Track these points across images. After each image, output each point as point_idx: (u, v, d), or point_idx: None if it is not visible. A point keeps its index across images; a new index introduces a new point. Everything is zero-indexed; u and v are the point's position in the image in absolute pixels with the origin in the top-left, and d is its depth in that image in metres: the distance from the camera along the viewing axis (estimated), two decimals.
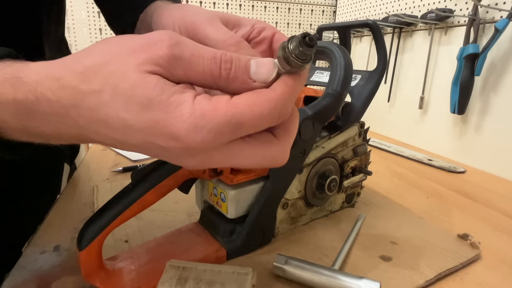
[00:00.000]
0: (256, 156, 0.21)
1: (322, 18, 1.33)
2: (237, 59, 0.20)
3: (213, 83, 0.20)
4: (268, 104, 0.19)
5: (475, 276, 0.36)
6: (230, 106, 0.19)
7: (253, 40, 0.30)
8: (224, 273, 0.31)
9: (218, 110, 0.19)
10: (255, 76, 0.20)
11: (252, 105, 0.19)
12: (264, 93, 0.20)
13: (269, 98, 0.20)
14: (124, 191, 0.31)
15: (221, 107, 0.19)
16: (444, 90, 0.79)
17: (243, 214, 0.38)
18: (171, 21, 0.30)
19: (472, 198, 0.57)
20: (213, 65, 0.20)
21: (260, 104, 0.19)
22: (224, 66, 0.20)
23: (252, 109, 0.19)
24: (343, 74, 0.38)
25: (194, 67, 0.19)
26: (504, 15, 0.66)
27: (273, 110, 0.20)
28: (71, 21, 1.16)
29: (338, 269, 0.35)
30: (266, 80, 0.20)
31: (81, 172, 0.63)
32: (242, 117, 0.19)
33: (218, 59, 0.20)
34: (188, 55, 0.19)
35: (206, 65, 0.20)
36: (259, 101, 0.19)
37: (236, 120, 0.19)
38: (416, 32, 0.90)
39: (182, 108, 0.18)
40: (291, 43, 0.19)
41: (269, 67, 0.20)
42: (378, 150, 0.85)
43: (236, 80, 0.20)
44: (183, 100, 0.19)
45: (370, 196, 0.55)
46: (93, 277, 0.30)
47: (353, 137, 0.46)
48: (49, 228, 0.43)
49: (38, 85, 0.20)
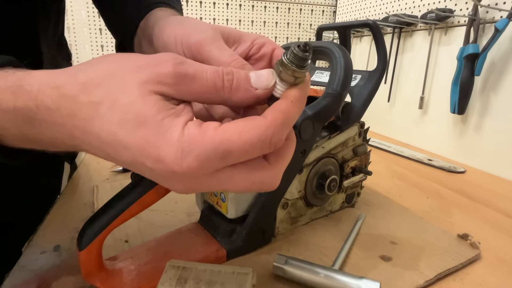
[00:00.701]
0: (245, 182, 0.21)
1: (322, 18, 1.33)
2: (237, 71, 0.21)
3: (217, 95, 0.21)
4: (258, 130, 0.19)
5: (475, 276, 0.36)
6: (218, 132, 0.19)
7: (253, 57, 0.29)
8: (224, 273, 0.31)
9: (205, 136, 0.18)
10: (256, 84, 0.21)
11: (241, 132, 0.19)
12: (254, 120, 0.19)
13: (259, 125, 0.19)
14: (124, 191, 0.31)
15: (209, 133, 0.19)
16: (444, 90, 0.79)
17: (243, 214, 0.38)
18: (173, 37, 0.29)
19: (472, 198, 0.57)
20: (216, 77, 0.20)
21: (249, 130, 0.19)
22: (227, 77, 0.20)
23: (240, 136, 0.19)
24: (343, 74, 0.38)
25: (198, 81, 0.20)
26: (504, 15, 0.66)
27: (263, 137, 0.19)
28: (71, 21, 1.16)
29: (338, 269, 0.35)
30: (267, 86, 0.21)
31: (81, 172, 0.63)
32: (230, 144, 0.19)
33: (220, 72, 0.20)
34: (192, 71, 0.20)
35: (209, 78, 0.20)
36: (248, 128, 0.19)
37: (224, 148, 0.18)
38: (416, 32, 0.90)
39: (171, 131, 0.18)
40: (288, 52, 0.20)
41: (268, 74, 0.21)
42: (378, 150, 0.85)
43: (239, 90, 0.21)
44: (175, 124, 0.19)
45: (370, 196, 0.55)
46: (93, 277, 0.30)
47: (353, 137, 0.46)
48: (49, 228, 0.43)
49: (40, 93, 0.20)
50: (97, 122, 0.19)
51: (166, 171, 0.19)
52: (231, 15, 1.21)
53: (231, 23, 1.22)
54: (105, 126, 0.19)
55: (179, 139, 0.18)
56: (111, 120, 0.19)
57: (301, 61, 0.20)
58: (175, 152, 0.18)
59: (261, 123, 0.19)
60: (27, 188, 0.51)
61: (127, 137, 0.19)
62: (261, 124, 0.19)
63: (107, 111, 0.19)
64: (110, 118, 0.19)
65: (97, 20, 1.19)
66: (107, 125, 0.19)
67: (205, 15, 1.18)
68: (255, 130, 0.19)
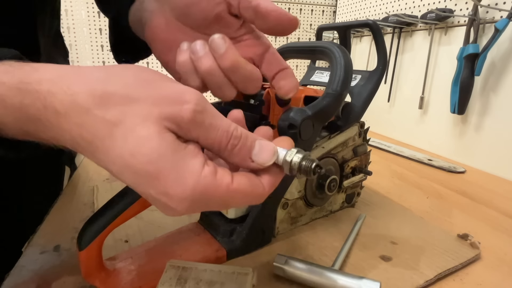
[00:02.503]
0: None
1: (322, 18, 1.33)
2: (245, 138, 0.22)
3: (218, 151, 0.22)
4: (258, 198, 0.23)
5: (475, 276, 0.36)
6: (230, 192, 0.21)
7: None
8: (224, 273, 0.31)
9: (217, 192, 0.20)
10: (255, 157, 0.22)
11: (245, 196, 0.22)
12: (258, 189, 0.22)
13: (261, 194, 0.23)
14: (124, 191, 0.31)
15: (222, 189, 0.20)
16: (444, 90, 0.79)
17: (243, 214, 0.38)
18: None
19: (472, 198, 0.57)
20: (224, 138, 0.21)
21: (251, 197, 0.22)
22: (232, 142, 0.21)
23: (244, 199, 0.22)
24: (343, 74, 0.38)
25: (208, 135, 0.21)
26: (504, 15, 0.66)
27: (260, 199, 0.23)
28: (71, 21, 1.16)
29: (338, 269, 0.35)
30: (263, 165, 0.22)
31: (81, 172, 0.63)
32: (233, 201, 0.21)
33: (230, 133, 0.21)
34: (207, 124, 0.21)
35: (218, 136, 0.21)
36: (252, 195, 0.22)
37: (227, 203, 0.21)
38: (416, 32, 0.90)
39: (188, 177, 0.19)
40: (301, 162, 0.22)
41: (270, 154, 0.22)
42: (378, 150, 0.85)
43: (238, 156, 0.22)
44: (191, 169, 0.20)
45: (370, 196, 0.55)
46: (93, 277, 0.30)
47: (353, 137, 0.46)
48: (49, 228, 0.43)
49: (49, 95, 0.19)
50: (107, 141, 0.19)
51: (167, 204, 0.20)
52: None
53: None
54: (117, 150, 0.19)
55: (195, 186, 0.19)
56: (123, 147, 0.19)
57: (308, 175, 0.23)
58: (185, 197, 0.19)
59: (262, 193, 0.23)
60: (27, 188, 0.51)
61: (138, 167, 0.19)
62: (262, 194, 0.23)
63: (121, 137, 0.19)
64: (123, 145, 0.19)
65: (97, 20, 1.19)
66: (118, 149, 0.19)
67: None
68: (256, 198, 0.22)
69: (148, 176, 0.19)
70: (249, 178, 0.22)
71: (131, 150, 0.19)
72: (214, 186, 0.20)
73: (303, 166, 0.22)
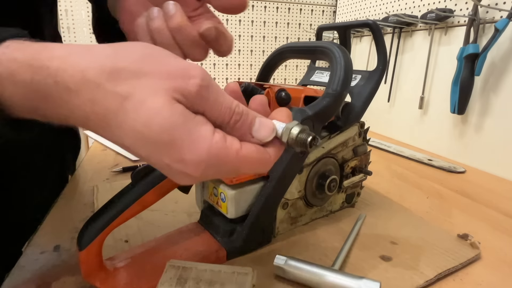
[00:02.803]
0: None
1: (322, 18, 1.33)
2: (246, 115, 0.23)
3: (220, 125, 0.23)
4: (265, 165, 0.24)
5: (475, 276, 0.36)
6: (240, 156, 0.22)
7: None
8: (224, 273, 0.31)
9: (229, 156, 0.21)
10: (255, 133, 0.23)
11: (254, 162, 0.23)
12: (265, 155, 0.24)
13: (267, 161, 0.24)
14: (124, 191, 0.31)
15: (233, 154, 0.22)
16: (444, 90, 0.79)
17: (243, 214, 0.38)
18: None
19: (472, 198, 0.57)
20: (227, 113, 0.22)
21: (259, 163, 0.23)
22: (235, 118, 0.23)
23: (253, 165, 0.23)
24: (343, 74, 0.38)
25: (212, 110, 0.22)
26: (504, 15, 0.66)
27: (266, 168, 0.24)
28: (71, 21, 1.16)
29: (338, 269, 0.35)
30: (262, 141, 0.24)
31: (81, 172, 0.63)
32: (243, 166, 0.22)
33: (232, 109, 0.23)
34: (212, 100, 0.22)
35: (221, 111, 0.22)
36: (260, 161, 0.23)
37: (237, 168, 0.22)
38: (416, 32, 0.90)
39: (201, 141, 0.20)
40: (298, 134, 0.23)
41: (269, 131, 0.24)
42: (378, 150, 0.85)
43: (239, 131, 0.23)
44: (204, 134, 0.21)
45: (370, 196, 0.55)
46: (93, 277, 0.30)
47: (353, 137, 0.46)
48: (49, 228, 0.43)
49: (60, 71, 0.19)
50: (121, 115, 0.20)
51: (182, 171, 0.21)
52: (231, 15, 1.21)
53: (231, 23, 1.22)
54: (129, 122, 0.20)
55: (209, 150, 0.20)
56: (136, 119, 0.19)
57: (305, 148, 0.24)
58: (199, 160, 0.20)
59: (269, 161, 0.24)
60: (28, 188, 0.51)
61: (152, 137, 0.20)
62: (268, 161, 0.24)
63: (133, 109, 0.19)
64: (135, 117, 0.19)
65: None
66: (131, 122, 0.19)
67: None
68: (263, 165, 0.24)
69: (163, 145, 0.20)
70: (255, 146, 0.23)
71: (144, 121, 0.19)
72: (225, 150, 0.21)
73: (300, 139, 0.23)
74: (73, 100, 0.20)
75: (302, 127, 0.24)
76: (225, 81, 1.28)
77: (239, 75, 1.28)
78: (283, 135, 0.24)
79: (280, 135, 0.24)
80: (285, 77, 1.35)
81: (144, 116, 0.19)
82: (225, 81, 1.28)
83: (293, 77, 1.36)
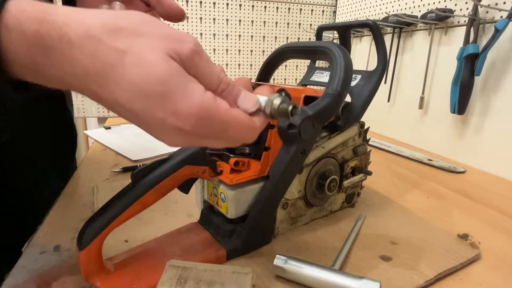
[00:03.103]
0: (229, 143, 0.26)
1: (322, 18, 1.33)
2: (233, 86, 0.25)
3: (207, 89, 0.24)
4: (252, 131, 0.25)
5: (475, 276, 0.36)
6: (229, 116, 0.23)
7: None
8: (224, 273, 0.31)
9: (219, 113, 0.23)
10: (240, 103, 0.25)
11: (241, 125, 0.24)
12: (252, 121, 0.25)
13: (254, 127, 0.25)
14: (124, 191, 0.31)
15: (222, 111, 0.23)
16: (444, 90, 0.79)
17: (243, 214, 0.38)
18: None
19: (472, 198, 0.57)
20: (215, 81, 0.24)
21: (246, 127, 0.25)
22: (222, 86, 0.24)
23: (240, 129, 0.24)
24: (343, 74, 0.38)
25: (203, 75, 0.23)
26: (504, 15, 0.66)
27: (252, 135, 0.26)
28: None
29: (338, 269, 0.35)
30: (247, 111, 0.25)
31: (81, 172, 0.63)
32: (231, 128, 0.24)
33: (220, 78, 0.24)
34: (202, 66, 0.23)
35: (211, 78, 0.24)
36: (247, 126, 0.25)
37: (226, 129, 0.23)
38: (416, 32, 0.90)
39: (194, 95, 0.22)
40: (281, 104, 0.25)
41: (253, 102, 0.25)
42: (378, 150, 0.85)
43: (225, 99, 0.24)
44: (197, 89, 0.22)
45: (370, 196, 0.55)
46: (93, 277, 0.30)
47: (353, 137, 0.46)
48: (49, 228, 0.43)
49: (65, 26, 0.20)
50: (119, 68, 0.21)
51: (174, 125, 0.22)
52: (231, 15, 1.21)
53: (231, 23, 1.22)
54: (127, 76, 0.21)
55: (200, 104, 0.22)
56: (134, 72, 0.21)
57: (286, 117, 0.25)
58: (191, 111, 0.21)
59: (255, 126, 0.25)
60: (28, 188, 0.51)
61: (148, 90, 0.21)
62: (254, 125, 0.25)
63: (131, 62, 0.21)
64: (133, 70, 0.21)
65: None
66: (128, 75, 0.21)
67: (205, 15, 1.18)
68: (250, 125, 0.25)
69: (158, 97, 0.21)
70: (242, 112, 0.25)
71: (141, 74, 0.21)
72: (216, 105, 0.22)
73: (282, 109, 0.25)
74: (74, 54, 0.21)
75: (283, 98, 0.25)
76: None
77: (239, 75, 1.28)
78: (266, 107, 0.25)
79: (263, 107, 0.26)
80: (285, 77, 1.35)
81: (142, 68, 0.21)
82: None
83: (293, 77, 1.36)
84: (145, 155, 0.73)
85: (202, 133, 0.23)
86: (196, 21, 1.18)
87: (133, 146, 0.79)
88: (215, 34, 1.21)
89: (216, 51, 1.23)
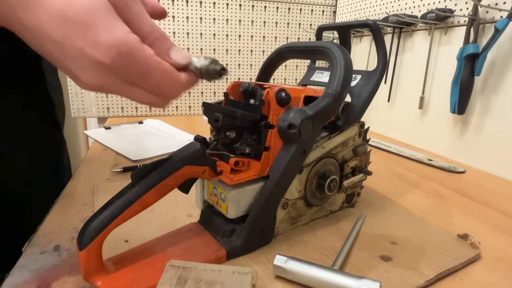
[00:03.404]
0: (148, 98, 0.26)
1: (322, 18, 1.33)
2: (166, 38, 0.25)
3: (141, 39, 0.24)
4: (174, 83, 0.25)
5: (475, 276, 0.36)
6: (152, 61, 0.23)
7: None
8: (224, 273, 0.31)
9: (142, 54, 0.22)
10: (172, 54, 0.26)
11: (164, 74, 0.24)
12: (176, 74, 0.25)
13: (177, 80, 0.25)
14: (124, 191, 0.31)
15: (146, 54, 0.23)
16: (444, 90, 0.79)
17: (243, 214, 0.38)
18: None
19: (472, 198, 0.57)
20: (148, 29, 0.24)
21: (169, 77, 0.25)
22: (155, 35, 0.25)
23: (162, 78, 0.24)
24: (343, 74, 0.38)
25: (135, 20, 0.24)
26: (504, 15, 0.66)
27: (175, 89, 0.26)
28: None
29: (338, 269, 0.35)
30: (177, 63, 0.25)
31: (81, 172, 0.63)
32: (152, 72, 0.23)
33: (154, 28, 0.25)
34: (136, 11, 0.23)
35: (144, 24, 0.24)
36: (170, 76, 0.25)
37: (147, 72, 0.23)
38: (416, 32, 0.90)
39: (118, 29, 0.22)
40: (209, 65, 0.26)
41: (185, 55, 0.26)
42: (378, 150, 0.85)
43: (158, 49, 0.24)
44: (122, 27, 0.22)
45: (370, 196, 0.55)
46: (93, 277, 0.30)
47: (353, 137, 0.46)
48: (49, 228, 0.43)
49: None
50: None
51: (92, 56, 0.21)
52: (231, 15, 1.21)
53: (231, 23, 1.22)
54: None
55: (123, 38, 0.21)
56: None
57: (214, 77, 0.27)
58: (112, 45, 0.21)
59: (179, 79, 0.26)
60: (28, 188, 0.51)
61: (72, 15, 0.21)
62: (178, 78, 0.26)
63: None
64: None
65: None
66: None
67: (205, 15, 1.18)
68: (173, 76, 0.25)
69: (80, 25, 0.21)
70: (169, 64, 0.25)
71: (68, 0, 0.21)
72: (140, 47, 0.22)
73: (210, 69, 0.26)
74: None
75: (213, 59, 0.27)
76: (225, 81, 1.28)
77: (239, 75, 1.27)
78: (196, 65, 0.26)
79: (194, 66, 0.27)
80: (285, 77, 1.35)
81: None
82: (226, 81, 1.28)
83: (293, 77, 1.36)
84: (145, 155, 0.73)
85: (122, 73, 0.22)
86: (196, 21, 1.18)
87: (133, 146, 0.79)
88: (215, 34, 1.21)
89: (216, 51, 1.23)
